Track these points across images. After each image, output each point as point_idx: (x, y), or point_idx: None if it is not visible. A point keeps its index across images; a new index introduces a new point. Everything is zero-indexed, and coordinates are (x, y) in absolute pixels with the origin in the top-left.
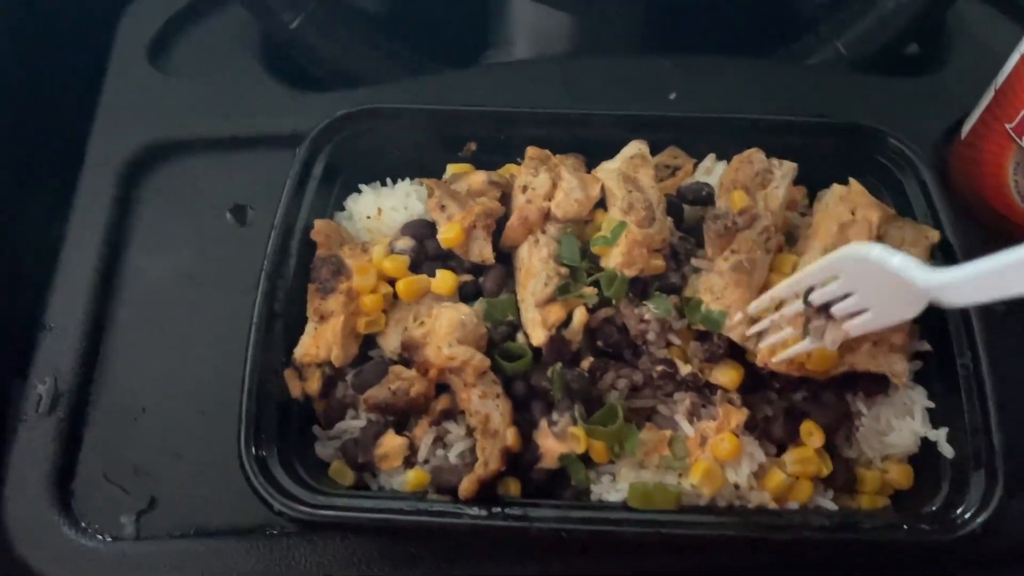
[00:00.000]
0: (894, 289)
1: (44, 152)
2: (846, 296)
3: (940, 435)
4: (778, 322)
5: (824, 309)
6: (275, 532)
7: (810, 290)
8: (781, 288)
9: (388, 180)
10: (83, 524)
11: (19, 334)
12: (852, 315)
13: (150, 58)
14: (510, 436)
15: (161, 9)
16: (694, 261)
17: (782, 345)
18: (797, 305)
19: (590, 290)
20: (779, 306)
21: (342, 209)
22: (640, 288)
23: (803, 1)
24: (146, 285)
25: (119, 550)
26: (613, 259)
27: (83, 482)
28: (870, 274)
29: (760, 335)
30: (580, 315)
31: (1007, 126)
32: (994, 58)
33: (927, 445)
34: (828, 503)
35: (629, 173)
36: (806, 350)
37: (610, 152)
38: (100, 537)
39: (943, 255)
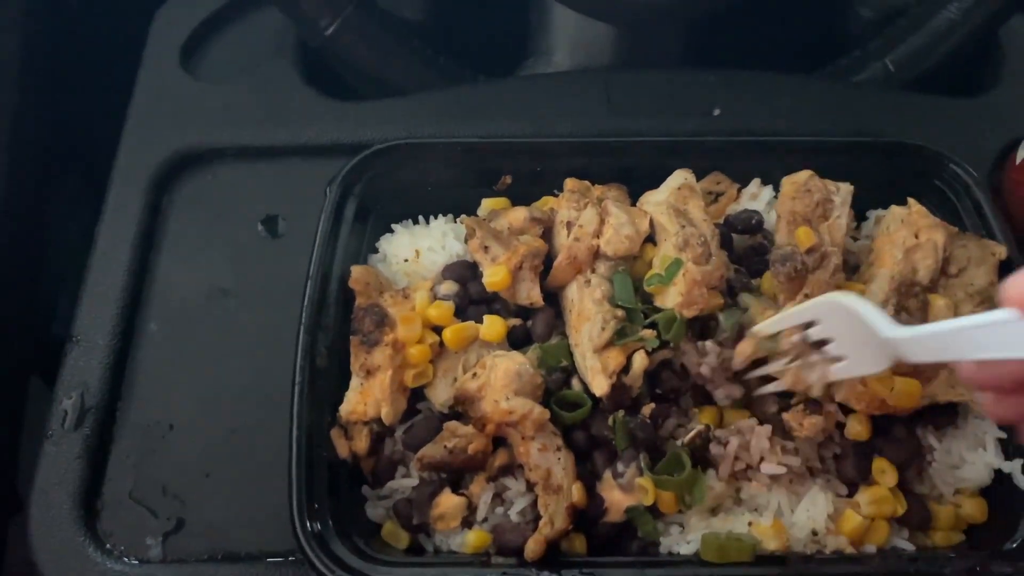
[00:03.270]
0: (866, 340)
1: (73, 157)
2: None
3: (1015, 467)
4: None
5: (819, 346)
6: None
7: (808, 325)
8: (766, 324)
9: (421, 217)
10: (108, 546)
11: (46, 346)
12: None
13: (182, 62)
14: (576, 492)
15: (193, 11)
16: (752, 307)
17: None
18: (795, 338)
19: (649, 333)
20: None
21: (375, 251)
22: (697, 327)
23: (851, 17)
24: (175, 297)
25: (146, 574)
26: (671, 299)
27: (109, 501)
28: (846, 321)
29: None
30: (640, 360)
31: None
32: None
33: (1000, 477)
34: (905, 543)
35: (679, 206)
36: (799, 378)
37: (651, 179)
38: (126, 560)
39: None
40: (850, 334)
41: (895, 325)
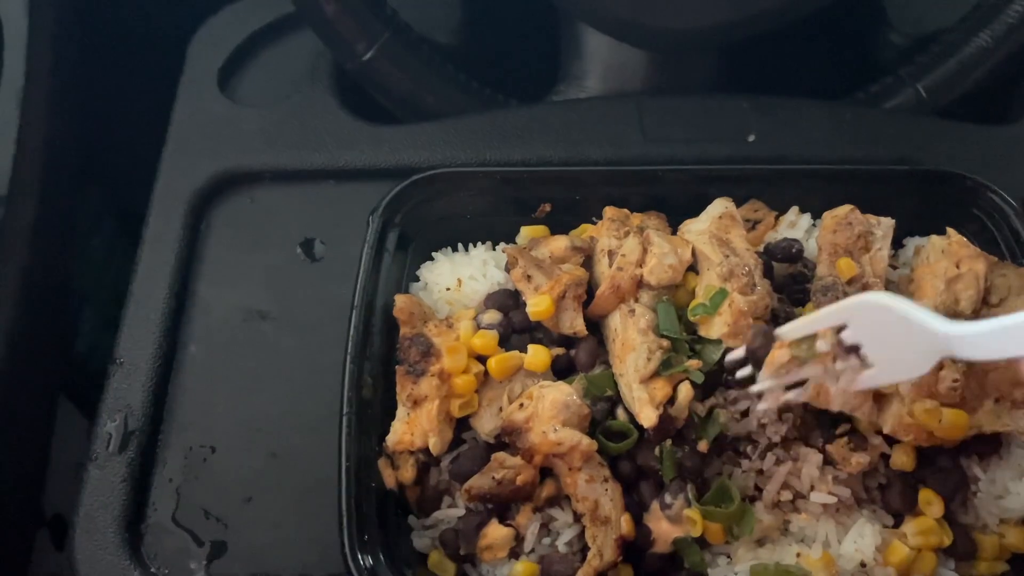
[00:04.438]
0: (904, 344)
1: (100, 175)
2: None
3: None
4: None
5: (854, 350)
6: None
7: (840, 329)
8: (793, 327)
9: (460, 246)
10: (153, 569)
11: (71, 363)
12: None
13: (220, 85)
14: (624, 524)
15: (230, 35)
16: None
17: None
18: (822, 344)
19: (694, 363)
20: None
21: (416, 279)
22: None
23: (883, 43)
24: (216, 320)
25: None
26: (716, 329)
27: (153, 524)
28: (880, 325)
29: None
30: (685, 391)
31: None
32: None
33: None
34: (951, 574)
35: (721, 235)
36: (823, 389)
37: (688, 206)
38: None
39: None
40: (885, 337)
41: (948, 321)
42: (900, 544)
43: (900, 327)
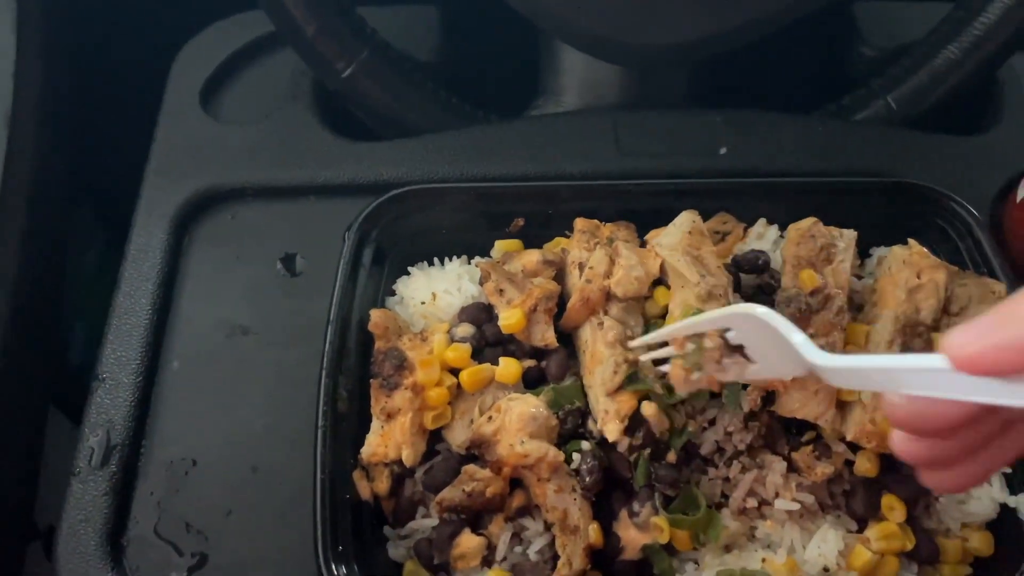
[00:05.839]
0: (780, 351)
1: (90, 190)
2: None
3: (1020, 501)
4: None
5: (739, 349)
6: None
7: (726, 330)
8: (668, 330)
9: (435, 260)
10: None
11: (63, 375)
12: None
13: (202, 104)
14: (592, 533)
15: (212, 54)
16: None
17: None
18: (708, 342)
19: (658, 382)
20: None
21: (392, 293)
22: None
23: (854, 56)
24: (197, 335)
25: None
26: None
27: (135, 537)
28: (759, 332)
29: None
30: (648, 409)
31: None
32: None
33: (1005, 511)
34: None
35: (693, 252)
36: (705, 381)
37: (658, 217)
38: None
39: None
40: (763, 343)
41: (816, 350)
42: (863, 549)
43: (775, 338)
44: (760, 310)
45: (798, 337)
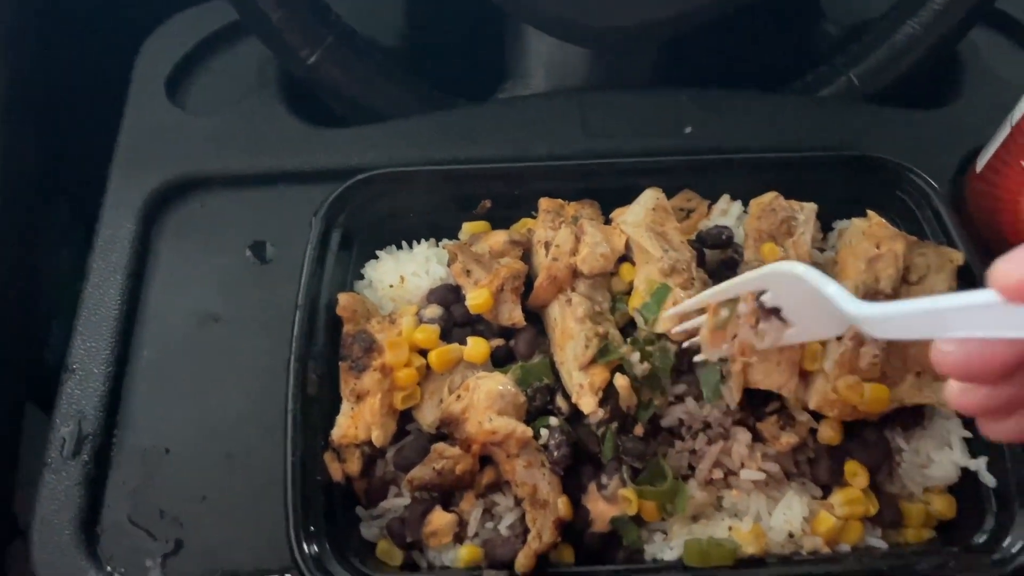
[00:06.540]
0: (817, 310)
1: (63, 186)
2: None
3: (980, 464)
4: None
5: (775, 312)
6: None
7: (761, 293)
8: (701, 297)
9: (404, 243)
10: (109, 568)
11: (40, 372)
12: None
13: (168, 94)
14: (562, 507)
15: (178, 44)
16: None
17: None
18: (743, 307)
19: (629, 349)
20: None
21: (361, 277)
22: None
23: (818, 33)
24: (168, 324)
25: None
26: (660, 325)
27: (108, 526)
28: (795, 292)
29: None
30: (620, 381)
31: None
32: (1009, 90)
33: (966, 474)
34: (878, 542)
35: (657, 229)
36: (747, 345)
37: (623, 196)
38: None
39: (965, 283)
40: (802, 303)
41: (857, 301)
42: (827, 514)
43: (813, 296)
44: (798, 267)
45: (833, 288)
